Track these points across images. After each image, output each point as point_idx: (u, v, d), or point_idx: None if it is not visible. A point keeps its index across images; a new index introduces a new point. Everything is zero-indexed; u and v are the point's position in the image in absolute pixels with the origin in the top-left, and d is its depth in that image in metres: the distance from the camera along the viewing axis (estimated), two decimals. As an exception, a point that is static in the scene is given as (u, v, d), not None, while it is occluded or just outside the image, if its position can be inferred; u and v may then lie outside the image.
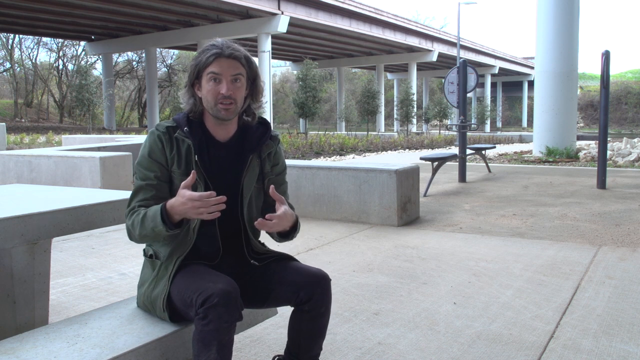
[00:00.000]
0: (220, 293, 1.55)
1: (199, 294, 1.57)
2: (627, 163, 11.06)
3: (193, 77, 1.81)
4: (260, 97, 1.90)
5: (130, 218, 1.76)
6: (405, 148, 19.53)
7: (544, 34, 12.67)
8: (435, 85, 67.70)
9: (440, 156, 7.42)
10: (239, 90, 1.79)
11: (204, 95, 1.78)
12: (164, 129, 1.81)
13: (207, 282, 1.61)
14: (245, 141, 1.88)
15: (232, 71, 1.76)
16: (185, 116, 1.84)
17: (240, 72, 1.78)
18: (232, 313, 1.56)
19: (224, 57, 1.76)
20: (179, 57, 54.14)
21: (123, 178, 6.95)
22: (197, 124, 1.84)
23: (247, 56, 1.82)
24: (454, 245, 4.32)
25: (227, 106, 1.76)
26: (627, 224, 5.08)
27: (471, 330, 2.62)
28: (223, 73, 1.75)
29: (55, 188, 2.66)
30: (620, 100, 61.36)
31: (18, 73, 46.77)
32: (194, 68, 1.80)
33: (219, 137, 1.85)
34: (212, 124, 1.84)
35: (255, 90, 1.87)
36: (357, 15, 32.76)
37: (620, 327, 2.64)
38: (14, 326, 2.11)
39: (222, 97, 1.75)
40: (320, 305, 1.77)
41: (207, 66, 1.76)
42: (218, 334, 1.53)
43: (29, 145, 17.08)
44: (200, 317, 1.54)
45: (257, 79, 1.87)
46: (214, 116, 1.80)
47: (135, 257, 3.98)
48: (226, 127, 1.85)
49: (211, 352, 1.53)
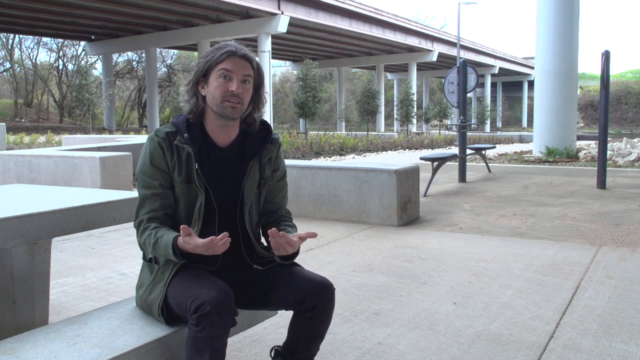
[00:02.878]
0: (213, 301, 1.54)
1: (192, 300, 1.57)
2: (627, 163, 11.06)
3: (200, 73, 1.79)
4: (262, 107, 1.89)
5: (141, 235, 1.75)
6: (405, 148, 19.53)
7: (544, 34, 12.67)
8: (435, 85, 67.69)
9: (440, 156, 7.42)
10: (247, 91, 1.78)
11: (211, 92, 1.76)
12: (164, 135, 1.79)
13: (201, 289, 1.60)
14: (246, 146, 1.86)
15: (243, 71, 1.76)
16: (184, 120, 1.82)
17: (250, 74, 1.79)
18: (225, 320, 1.56)
19: (237, 57, 1.76)
20: (179, 57, 54.14)
21: (123, 178, 6.95)
22: (197, 127, 1.82)
23: (258, 63, 1.83)
24: (454, 245, 4.32)
25: (234, 104, 1.75)
26: (627, 224, 5.08)
27: (471, 330, 2.61)
28: (235, 71, 1.75)
29: (55, 188, 2.66)
30: (620, 100, 61.35)
31: (18, 73, 46.78)
32: (203, 64, 1.78)
33: (219, 142, 1.83)
34: (213, 127, 1.82)
35: (258, 99, 1.87)
36: (357, 15, 32.75)
37: (620, 327, 2.64)
38: (14, 326, 2.11)
39: (230, 94, 1.74)
40: (323, 314, 1.77)
41: (218, 63, 1.75)
42: (211, 341, 1.54)
43: (29, 145, 17.08)
44: (194, 323, 1.55)
45: (262, 89, 1.87)
46: (218, 114, 1.78)
47: (135, 257, 3.98)
48: (227, 130, 1.83)
49: (204, 357, 1.55)
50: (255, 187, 1.86)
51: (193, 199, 1.78)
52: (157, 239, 1.69)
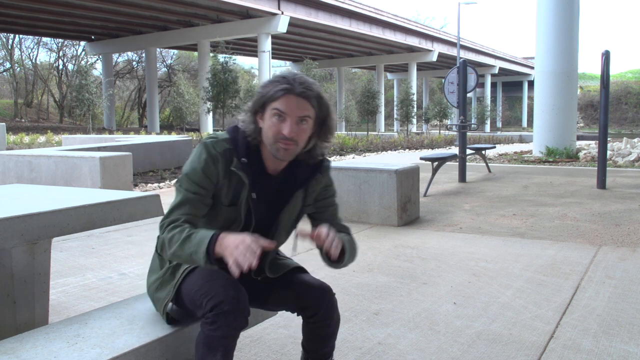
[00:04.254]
0: (231, 300, 1.53)
1: (208, 299, 1.55)
2: (627, 163, 11.06)
3: (258, 106, 1.66)
4: (330, 137, 1.74)
5: (170, 231, 1.62)
6: (405, 148, 19.52)
7: (544, 34, 12.66)
8: (435, 85, 67.70)
9: (440, 156, 7.42)
10: (303, 132, 1.65)
11: (265, 130, 1.66)
12: (222, 152, 1.67)
13: (217, 287, 1.58)
14: (294, 175, 1.76)
15: (299, 112, 1.62)
16: (244, 142, 1.70)
17: (308, 114, 1.64)
18: (240, 321, 1.55)
19: (294, 95, 1.61)
20: (179, 57, 54.14)
21: (123, 178, 6.95)
22: (254, 151, 1.71)
23: (319, 95, 1.66)
24: (454, 245, 4.32)
25: (287, 146, 1.63)
26: (627, 224, 5.08)
27: (471, 330, 2.62)
28: (289, 112, 1.61)
29: (55, 188, 2.66)
30: (620, 100, 61.38)
31: (18, 73, 46.77)
32: (259, 98, 1.65)
33: (270, 169, 1.74)
34: (268, 156, 1.71)
35: (324, 131, 1.72)
36: (357, 15, 32.77)
37: (620, 327, 2.64)
38: (14, 326, 2.11)
39: (282, 137, 1.62)
40: (325, 319, 1.77)
41: (273, 100, 1.62)
42: (225, 340, 1.53)
43: (29, 145, 17.06)
44: (209, 322, 1.53)
45: (328, 119, 1.70)
46: (271, 153, 1.68)
47: (135, 257, 3.98)
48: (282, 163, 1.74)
49: (216, 357, 1.53)
50: (293, 217, 1.80)
51: (232, 219, 1.72)
52: (191, 233, 1.58)
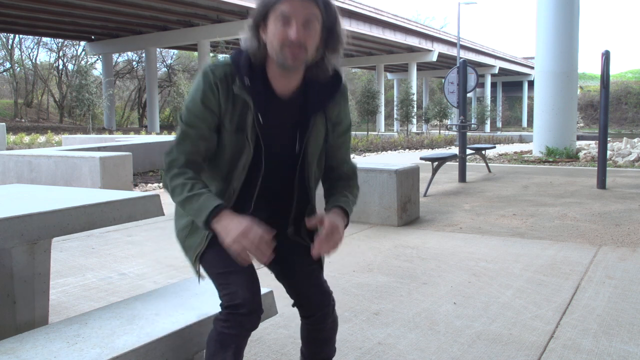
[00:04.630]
0: (248, 304, 1.50)
1: (226, 294, 1.52)
2: (627, 163, 11.06)
3: (259, 17, 1.54)
4: (339, 47, 1.60)
5: (172, 179, 1.54)
6: (405, 148, 19.52)
7: (544, 34, 12.67)
8: (435, 85, 67.71)
9: (440, 156, 7.42)
10: (310, 36, 1.51)
11: (270, 40, 1.52)
12: (222, 76, 1.55)
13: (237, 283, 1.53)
14: (309, 97, 1.63)
15: (304, 13, 1.49)
16: (247, 60, 1.56)
17: (315, 14, 1.51)
18: (254, 322, 1.53)
19: None
20: (179, 57, 54.15)
21: (123, 178, 6.95)
22: (259, 71, 1.57)
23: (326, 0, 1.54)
24: (454, 245, 4.32)
25: (295, 53, 1.50)
26: (627, 224, 5.08)
27: (471, 330, 2.61)
28: (294, 14, 1.48)
29: (55, 188, 2.65)
30: (620, 100, 61.39)
31: (18, 73, 46.80)
32: (261, 7, 1.53)
33: (279, 91, 1.59)
34: (275, 74, 1.58)
35: (332, 40, 1.57)
36: (357, 15, 32.77)
37: (620, 327, 2.64)
38: (14, 326, 2.11)
39: (289, 42, 1.48)
40: (319, 323, 1.72)
41: (276, 5, 1.50)
42: (237, 338, 1.52)
43: (29, 145, 17.06)
44: (222, 319, 1.52)
45: (336, 27, 1.57)
46: (278, 63, 1.54)
47: (135, 257, 3.98)
48: (289, 78, 1.59)
49: (227, 354, 1.51)
50: (319, 145, 1.66)
51: (241, 150, 1.59)
52: (193, 195, 1.49)
